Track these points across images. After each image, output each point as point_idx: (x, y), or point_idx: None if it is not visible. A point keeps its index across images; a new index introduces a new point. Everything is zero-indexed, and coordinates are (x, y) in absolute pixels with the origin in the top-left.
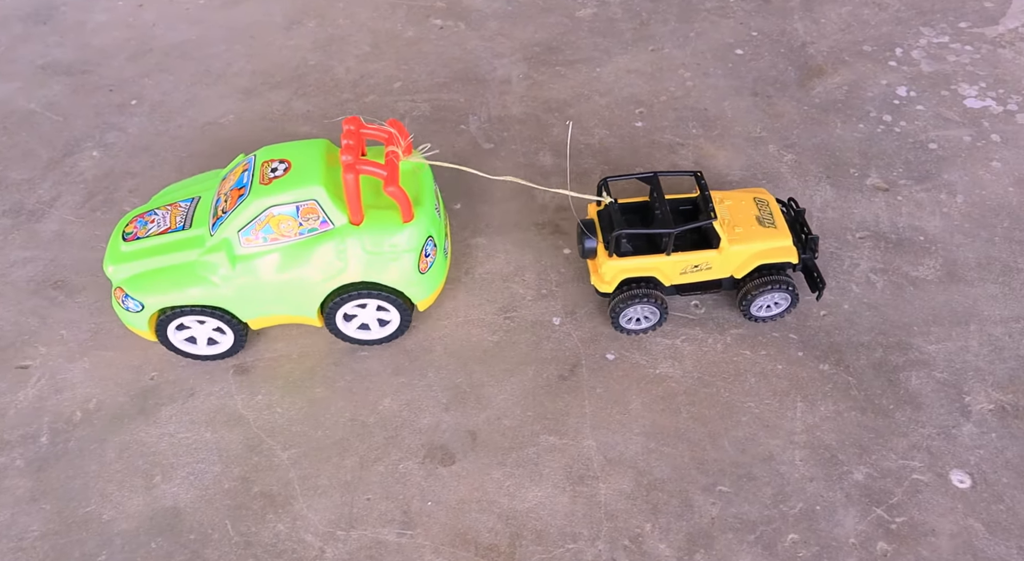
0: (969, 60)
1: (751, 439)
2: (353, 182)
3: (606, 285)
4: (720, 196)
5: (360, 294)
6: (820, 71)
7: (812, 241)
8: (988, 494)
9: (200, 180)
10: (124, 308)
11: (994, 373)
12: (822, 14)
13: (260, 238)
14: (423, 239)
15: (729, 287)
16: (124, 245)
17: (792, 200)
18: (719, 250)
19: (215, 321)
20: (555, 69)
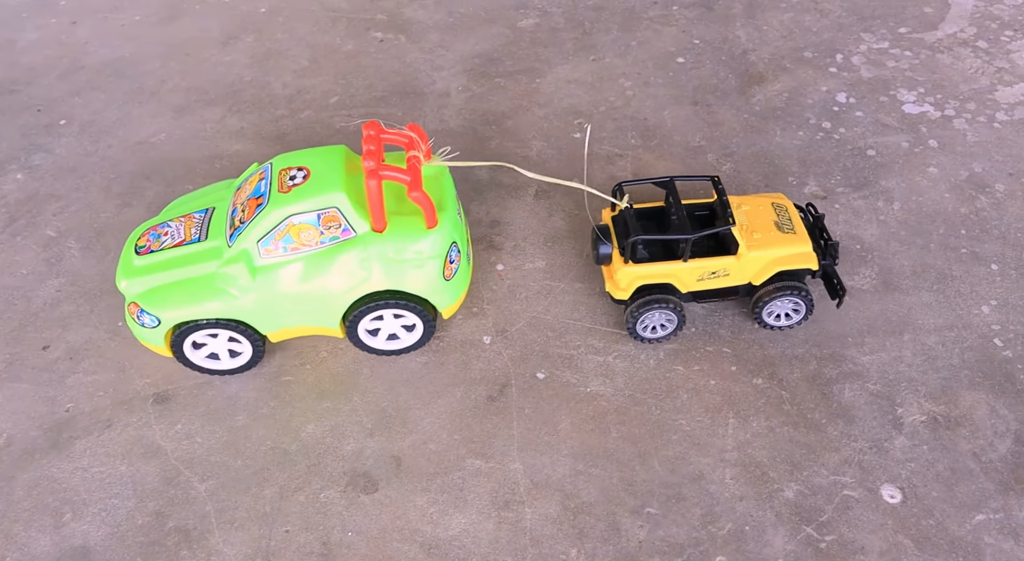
0: (908, 66)
1: (681, 458)
2: (376, 188)
3: (621, 292)
4: (737, 201)
5: (384, 303)
6: (761, 78)
7: (832, 247)
8: (918, 509)
9: (212, 190)
10: (139, 324)
11: (927, 383)
12: (764, 21)
13: (280, 248)
14: (448, 245)
15: (746, 294)
16: (137, 259)
17: (811, 205)
18: (737, 256)
19: (234, 335)
20: (495, 81)
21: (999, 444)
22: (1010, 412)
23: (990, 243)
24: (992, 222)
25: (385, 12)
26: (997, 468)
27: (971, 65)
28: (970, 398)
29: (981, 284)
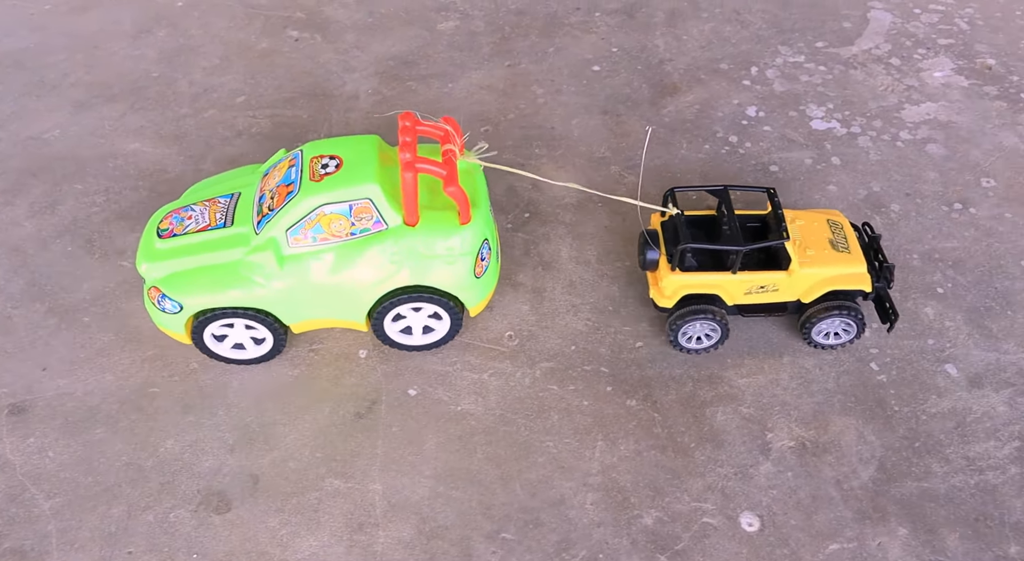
0: (821, 81)
1: (544, 481)
2: (412, 181)
3: (666, 300)
4: (792, 215)
5: (412, 298)
6: (674, 89)
7: (887, 269)
8: (775, 537)
9: (237, 175)
10: (159, 308)
11: (799, 408)
12: (685, 30)
13: (309, 238)
14: (480, 242)
15: (794, 311)
16: (160, 242)
17: (867, 225)
18: (788, 272)
19: (256, 324)
20: (406, 84)
21: (862, 471)
22: (877, 438)
23: None
24: (884, 243)
25: (304, 10)
26: (857, 496)
27: (882, 82)
28: (840, 424)
29: (866, 306)
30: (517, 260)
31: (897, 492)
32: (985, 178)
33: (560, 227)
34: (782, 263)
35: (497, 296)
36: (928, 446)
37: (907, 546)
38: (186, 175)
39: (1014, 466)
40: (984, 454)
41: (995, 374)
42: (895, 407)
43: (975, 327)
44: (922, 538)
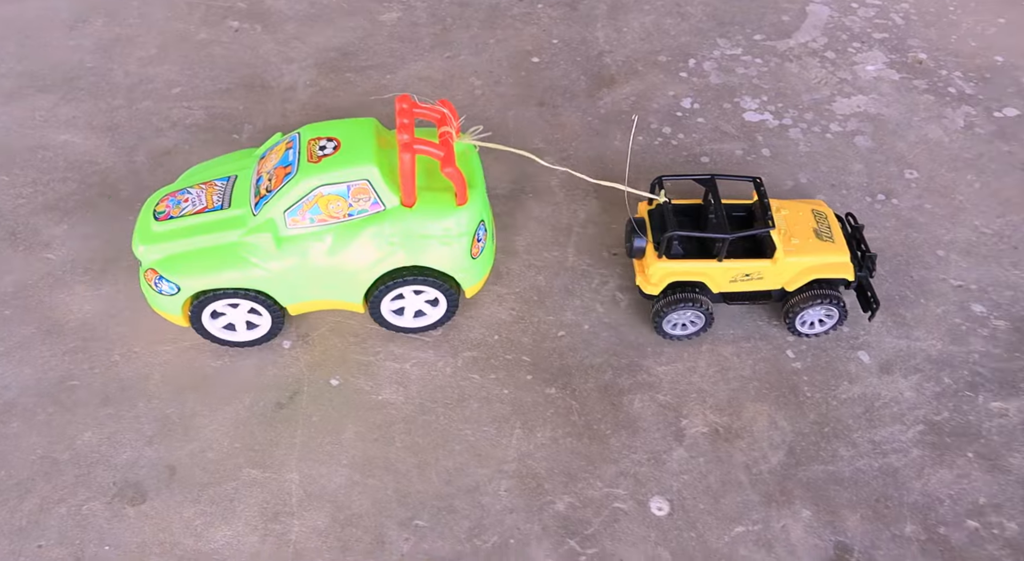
0: (756, 73)
1: (460, 469)
2: (410, 162)
3: (652, 287)
4: (777, 205)
5: (409, 281)
6: (611, 81)
7: (869, 259)
8: (683, 521)
9: (233, 159)
10: (156, 291)
11: (715, 395)
12: (626, 23)
13: (307, 219)
14: (476, 223)
15: (778, 299)
16: (156, 224)
17: (850, 215)
18: (773, 260)
19: (253, 305)
20: (344, 76)
21: (772, 456)
22: (788, 424)
23: None
24: None
25: (246, 0)
26: (765, 480)
27: (816, 75)
28: (753, 410)
29: None
30: None
31: (804, 476)
32: (909, 170)
33: None
34: (767, 251)
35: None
36: (837, 431)
37: (809, 527)
38: (117, 167)
39: (916, 449)
40: (889, 438)
41: (905, 361)
42: (808, 393)
43: (889, 315)
44: (824, 519)
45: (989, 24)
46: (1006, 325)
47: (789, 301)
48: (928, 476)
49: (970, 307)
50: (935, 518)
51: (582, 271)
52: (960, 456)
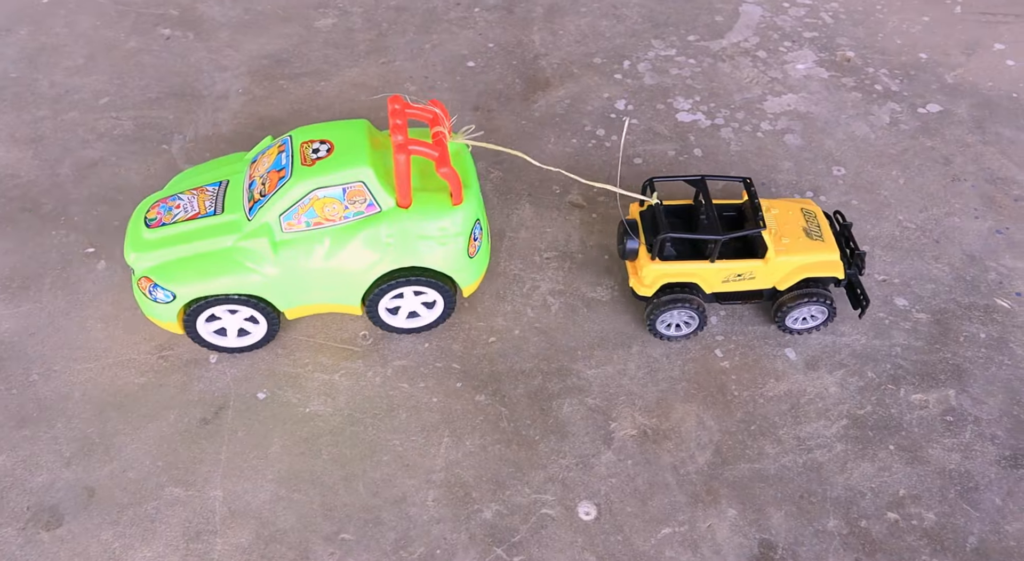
0: (690, 74)
1: (387, 480)
2: (405, 163)
3: (645, 289)
4: (767, 204)
5: (407, 282)
6: (547, 84)
7: (859, 257)
8: (609, 525)
9: (222, 163)
10: (151, 299)
11: (644, 396)
12: (562, 25)
13: (303, 222)
14: (472, 222)
15: (769, 298)
16: (148, 232)
17: (839, 213)
18: (765, 260)
19: (249, 311)
20: (278, 83)
21: (699, 456)
22: (716, 423)
23: None
24: None
25: (178, 7)
26: (692, 480)
27: (748, 74)
28: (682, 411)
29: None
30: None
31: (730, 475)
32: (836, 167)
33: None
34: (758, 251)
35: None
36: (763, 428)
37: (735, 526)
38: (40, 180)
39: (840, 444)
40: (814, 433)
41: (830, 356)
42: (735, 392)
43: None
44: (750, 518)
45: (914, 22)
46: (927, 318)
47: (779, 299)
48: (851, 470)
49: (893, 301)
50: (857, 512)
51: (514, 276)
52: (882, 449)
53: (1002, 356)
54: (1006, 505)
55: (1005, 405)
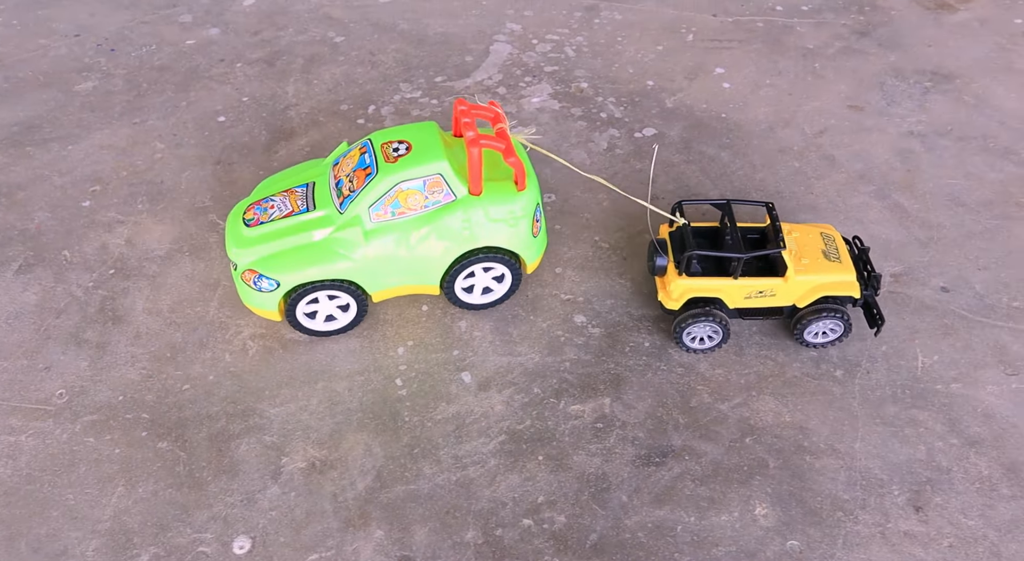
0: (430, 114)
1: (53, 535)
2: (478, 155)
3: (673, 303)
4: (789, 228)
5: (480, 258)
6: (291, 133)
7: (875, 278)
8: (261, 556)
9: (302, 169)
10: (256, 289)
11: (320, 430)
12: (318, 75)
13: (389, 213)
14: (534, 205)
15: (788, 315)
16: (248, 230)
17: (857, 238)
18: (785, 278)
19: (343, 295)
20: (25, 150)
21: (360, 482)
22: (382, 449)
23: None
24: None
25: None
26: (348, 506)
27: None
28: (352, 440)
29: (407, 326)
30: (90, 318)
31: (386, 498)
32: (548, 194)
33: (142, 280)
34: (779, 270)
35: (57, 355)
36: (426, 450)
37: (379, 546)
38: None
39: (494, 459)
40: (472, 451)
41: (503, 376)
42: (407, 418)
43: (498, 334)
44: (395, 537)
45: (648, 51)
46: (600, 332)
47: (798, 314)
48: (499, 483)
49: (573, 319)
50: (495, 521)
51: (220, 323)
52: (531, 460)
53: (659, 362)
54: (631, 501)
55: (651, 408)
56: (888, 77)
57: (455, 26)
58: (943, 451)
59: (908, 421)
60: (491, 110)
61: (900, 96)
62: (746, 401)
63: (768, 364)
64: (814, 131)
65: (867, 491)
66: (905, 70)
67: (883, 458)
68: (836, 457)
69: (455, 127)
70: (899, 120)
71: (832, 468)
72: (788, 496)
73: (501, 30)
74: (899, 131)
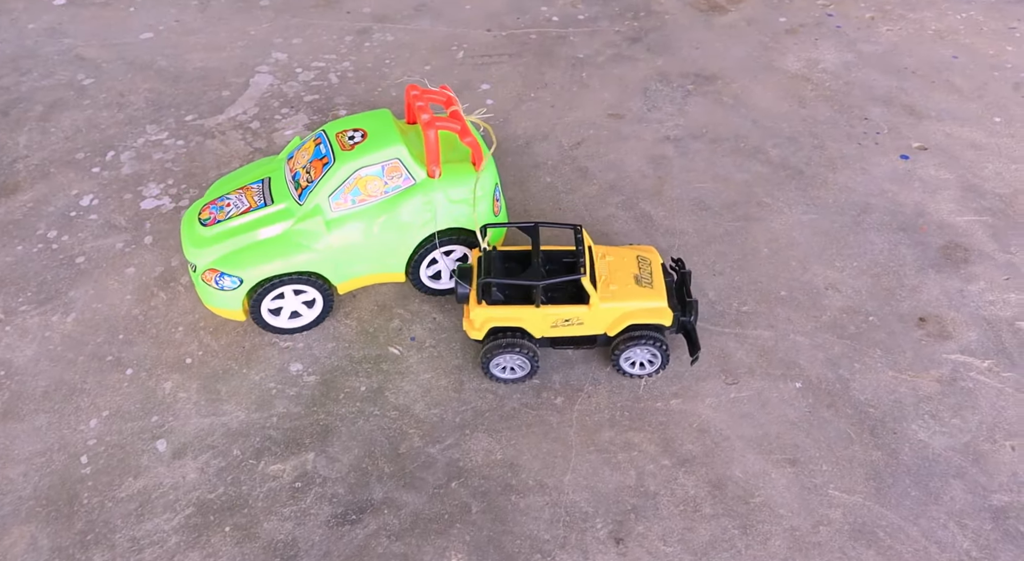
0: (173, 156)
1: None
2: (435, 137)
3: (476, 332)
4: (603, 251)
5: (443, 241)
6: (14, 189)
7: (691, 305)
8: None
9: (255, 167)
10: (218, 288)
11: None
12: (58, 122)
13: (349, 201)
14: (493, 185)
15: (604, 344)
16: (205, 230)
17: (679, 260)
18: (589, 306)
19: (309, 289)
20: None
21: None
22: (49, 541)
23: (140, 345)
24: (148, 323)
25: None
26: None
27: (234, 149)
28: (17, 534)
29: (105, 393)
30: None
31: None
32: None
33: None
34: (585, 298)
35: None
36: (101, 536)
37: None
38: None
39: (176, 536)
40: (153, 530)
41: (202, 440)
42: (85, 500)
43: (205, 393)
44: None
45: (416, 71)
46: (316, 379)
47: (614, 342)
48: None
49: (288, 367)
50: None
51: None
52: (217, 533)
53: (373, 407)
54: None
55: (357, 459)
56: (653, 82)
57: (217, 59)
58: (653, 474)
59: (623, 445)
60: (443, 94)
61: (662, 100)
62: (458, 441)
63: (487, 398)
64: (571, 143)
65: (569, 528)
66: (670, 74)
67: (592, 489)
68: (543, 493)
69: (408, 113)
70: (657, 125)
71: (537, 506)
72: (487, 543)
73: (266, 60)
74: (655, 137)
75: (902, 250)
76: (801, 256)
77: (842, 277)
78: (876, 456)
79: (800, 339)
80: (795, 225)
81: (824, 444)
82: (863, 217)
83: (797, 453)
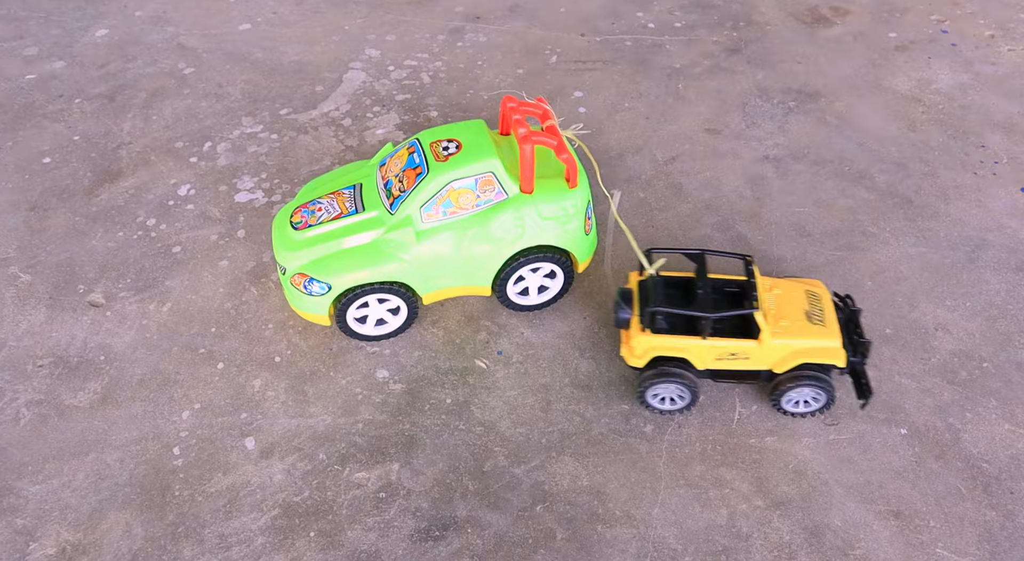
0: (267, 150)
1: None
2: (531, 152)
3: (636, 359)
4: (770, 283)
5: (531, 259)
6: (117, 175)
7: (864, 345)
8: None
9: (348, 170)
10: (307, 293)
11: (79, 509)
12: (159, 110)
13: (440, 212)
14: (586, 203)
15: (766, 379)
16: (296, 233)
17: (848, 297)
18: (759, 342)
19: (393, 298)
20: None
21: None
22: (143, 529)
23: (231, 340)
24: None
25: None
26: None
27: (325, 145)
28: (113, 520)
29: (197, 386)
30: None
31: None
32: None
33: None
34: (754, 332)
35: None
36: (191, 529)
37: None
38: None
39: (262, 537)
40: (240, 529)
41: (288, 441)
42: (177, 492)
43: (293, 393)
44: None
45: (508, 75)
46: (402, 388)
47: (776, 379)
48: None
49: (375, 374)
50: None
51: None
52: (302, 537)
53: (459, 421)
54: None
55: (441, 473)
56: (752, 97)
57: (312, 53)
58: (746, 514)
59: (714, 481)
60: (539, 106)
61: (761, 117)
62: (544, 463)
63: (574, 420)
64: (666, 157)
65: None
66: (771, 89)
67: (680, 525)
68: (631, 525)
69: (502, 124)
70: (756, 143)
71: (624, 538)
72: None
73: (359, 56)
74: (754, 155)
75: (1021, 292)
76: (908, 292)
77: (953, 318)
78: (991, 516)
79: (906, 382)
80: (902, 258)
81: (932, 498)
82: (978, 253)
83: (902, 505)
